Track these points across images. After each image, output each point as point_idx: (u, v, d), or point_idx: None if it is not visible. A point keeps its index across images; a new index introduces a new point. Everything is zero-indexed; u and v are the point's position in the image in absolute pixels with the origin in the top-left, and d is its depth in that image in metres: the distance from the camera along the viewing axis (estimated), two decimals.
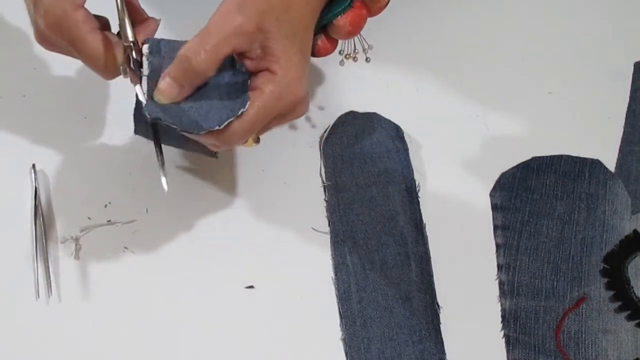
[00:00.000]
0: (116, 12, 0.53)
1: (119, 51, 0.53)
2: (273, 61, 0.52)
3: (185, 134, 0.53)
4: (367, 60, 0.64)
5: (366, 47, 0.64)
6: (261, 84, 0.52)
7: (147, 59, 0.54)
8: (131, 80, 0.53)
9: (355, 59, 0.64)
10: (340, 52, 0.64)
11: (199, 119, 0.52)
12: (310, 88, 0.68)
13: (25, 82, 0.66)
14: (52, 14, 0.51)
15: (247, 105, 0.52)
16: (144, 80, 0.53)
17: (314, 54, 0.60)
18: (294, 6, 0.53)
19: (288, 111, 0.55)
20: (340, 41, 0.62)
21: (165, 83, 0.52)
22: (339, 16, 0.58)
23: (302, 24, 0.54)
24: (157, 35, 0.56)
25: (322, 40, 0.60)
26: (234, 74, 0.54)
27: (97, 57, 0.53)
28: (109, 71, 0.54)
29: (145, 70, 0.53)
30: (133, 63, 0.53)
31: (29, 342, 0.58)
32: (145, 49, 0.54)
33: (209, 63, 0.51)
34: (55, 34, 0.52)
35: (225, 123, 0.51)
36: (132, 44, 0.53)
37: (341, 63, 0.64)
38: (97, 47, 0.52)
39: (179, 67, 0.51)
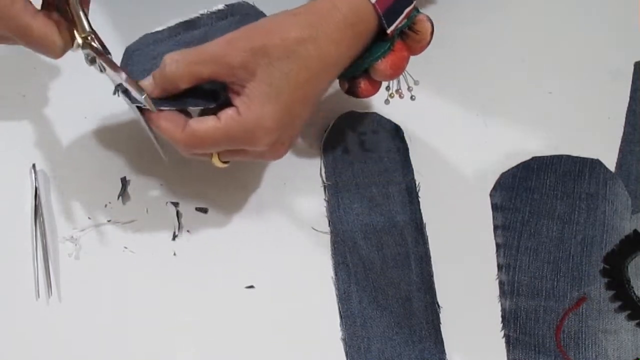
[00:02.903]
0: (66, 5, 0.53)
1: (62, 28, 0.53)
2: (245, 103, 0.52)
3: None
4: (412, 98, 0.61)
5: (412, 84, 0.61)
6: (222, 116, 0.53)
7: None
8: (100, 69, 0.54)
9: (401, 96, 0.62)
10: (387, 89, 0.61)
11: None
12: None
13: (25, 82, 0.66)
14: None
15: (213, 104, 0.53)
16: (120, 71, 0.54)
17: (357, 95, 0.60)
18: (299, 57, 0.52)
19: (251, 152, 0.55)
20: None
21: (147, 79, 0.54)
22: (379, 60, 0.57)
23: (304, 75, 0.53)
24: None
25: (364, 83, 0.59)
26: (206, 95, 0.55)
27: (45, 41, 0.53)
28: (59, 52, 0.54)
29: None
30: (96, 51, 0.54)
31: (29, 342, 0.58)
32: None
33: (182, 77, 0.53)
34: (1, 29, 0.52)
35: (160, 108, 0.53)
36: (90, 34, 0.53)
37: (386, 102, 0.62)
38: (43, 31, 0.53)
39: (159, 69, 0.53)
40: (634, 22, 0.74)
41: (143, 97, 0.52)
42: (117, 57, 0.56)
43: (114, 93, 0.55)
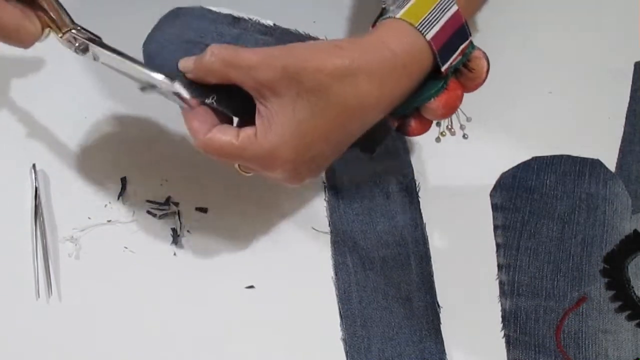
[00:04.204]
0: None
1: (31, 18, 0.53)
2: (264, 125, 0.50)
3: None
4: (465, 137, 0.59)
5: (464, 121, 0.58)
6: (242, 133, 0.50)
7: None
8: (94, 57, 0.53)
9: (453, 133, 0.60)
10: (437, 125, 0.59)
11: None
12: None
13: (25, 82, 0.66)
14: None
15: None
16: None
17: (406, 134, 0.57)
18: (332, 94, 0.49)
19: (263, 174, 0.53)
20: None
21: (190, 59, 0.51)
22: (432, 99, 0.53)
23: (334, 113, 0.49)
24: None
25: (415, 122, 0.56)
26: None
27: (15, 31, 0.52)
28: (27, 41, 0.53)
29: None
30: (80, 45, 0.53)
31: (29, 342, 0.58)
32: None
33: (213, 72, 0.50)
34: None
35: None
36: (74, 28, 0.53)
37: (437, 140, 0.60)
38: (13, 22, 0.52)
39: (201, 57, 0.51)
40: (634, 22, 0.74)
41: (160, 78, 0.51)
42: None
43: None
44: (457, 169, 0.67)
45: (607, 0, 0.75)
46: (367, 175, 0.66)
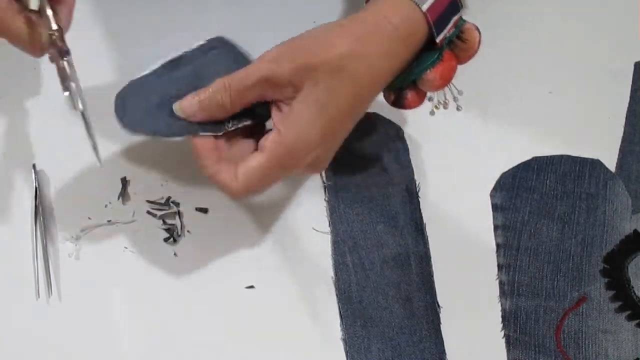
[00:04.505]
0: None
1: (42, 30, 0.53)
2: (288, 120, 0.51)
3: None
4: (459, 109, 0.61)
5: (456, 94, 0.60)
6: (265, 143, 0.52)
7: (184, 53, 0.56)
8: (57, 72, 0.54)
9: (445, 107, 0.61)
10: (430, 99, 0.60)
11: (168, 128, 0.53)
12: None
13: (25, 82, 0.66)
14: None
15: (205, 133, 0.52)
16: (74, 74, 0.54)
17: (403, 107, 0.59)
18: (347, 72, 0.51)
19: (294, 171, 0.54)
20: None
21: (189, 101, 0.53)
22: (428, 70, 0.56)
23: (351, 90, 0.52)
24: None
25: (411, 94, 0.58)
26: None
27: (23, 39, 0.53)
28: (36, 50, 0.54)
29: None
30: (59, 51, 0.54)
31: (29, 342, 0.58)
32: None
33: (232, 104, 0.52)
34: None
35: (181, 138, 0.52)
36: (55, 31, 0.53)
37: (431, 113, 0.61)
38: (22, 30, 0.53)
39: (209, 95, 0.52)
40: (634, 22, 0.74)
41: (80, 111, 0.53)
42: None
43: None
44: (457, 169, 0.67)
45: (607, 0, 0.75)
46: (367, 175, 0.66)
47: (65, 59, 0.54)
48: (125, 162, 0.64)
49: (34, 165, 0.62)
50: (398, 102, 0.59)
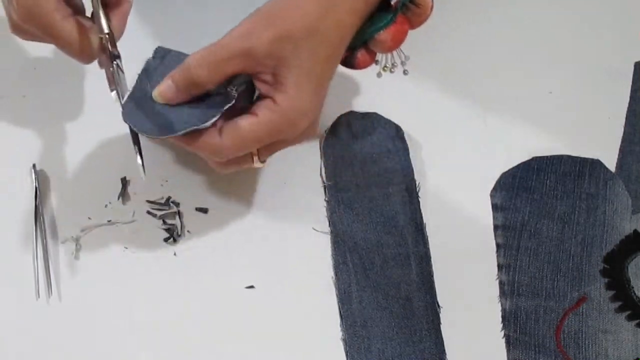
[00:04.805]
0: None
1: (93, 36, 0.54)
2: (280, 90, 0.52)
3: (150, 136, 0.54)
4: (405, 72, 0.62)
5: (403, 59, 0.62)
6: (261, 112, 0.52)
7: (147, 63, 0.55)
8: (106, 75, 0.55)
9: (392, 71, 0.62)
10: (376, 62, 0.62)
11: (167, 125, 0.53)
12: None
13: (25, 82, 0.66)
14: (23, 6, 0.52)
15: (208, 122, 0.52)
16: (122, 79, 0.54)
17: (353, 67, 0.60)
18: (321, 33, 0.52)
19: (291, 139, 0.55)
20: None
21: (165, 84, 0.53)
22: (381, 31, 0.57)
23: (326, 52, 0.53)
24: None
25: (362, 54, 0.59)
26: (223, 94, 0.54)
27: (72, 44, 0.53)
28: (85, 56, 0.54)
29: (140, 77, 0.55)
30: (109, 55, 0.54)
31: (29, 342, 0.58)
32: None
33: (209, 78, 0.52)
34: (29, 25, 0.52)
35: (181, 132, 0.52)
36: (107, 35, 0.53)
37: (379, 75, 0.62)
38: (71, 34, 0.53)
39: (182, 73, 0.52)
40: (634, 22, 0.74)
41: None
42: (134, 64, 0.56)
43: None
44: (457, 169, 0.67)
45: (607, 0, 0.75)
46: (367, 175, 0.66)
47: (115, 62, 0.54)
48: (125, 162, 0.64)
49: (34, 165, 0.62)
50: (349, 62, 0.59)
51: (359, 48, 0.59)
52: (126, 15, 0.55)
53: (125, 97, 0.55)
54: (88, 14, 0.56)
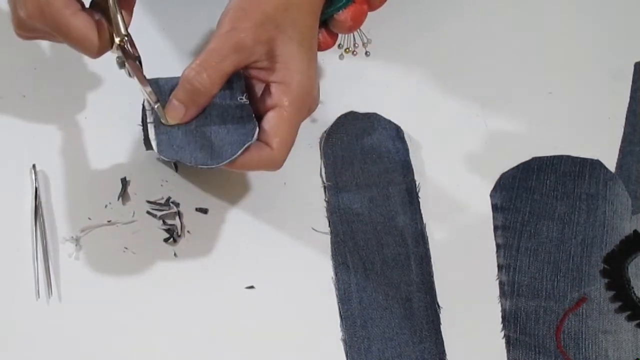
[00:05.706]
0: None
1: (102, 30, 0.53)
2: (283, 69, 0.53)
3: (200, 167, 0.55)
4: (367, 54, 0.64)
5: (365, 40, 0.63)
6: (279, 100, 0.53)
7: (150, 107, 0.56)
8: (129, 74, 0.54)
9: (354, 53, 0.64)
10: (339, 46, 0.63)
11: (211, 154, 0.54)
12: None
13: (25, 82, 0.66)
14: (32, 2, 0.51)
15: (255, 135, 0.54)
16: (151, 127, 0.55)
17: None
18: (294, 6, 0.54)
19: (307, 113, 0.56)
20: (339, 35, 0.62)
21: (172, 105, 0.54)
22: (340, 10, 0.58)
23: (306, 22, 0.55)
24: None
25: (322, 35, 0.60)
26: (237, 105, 0.55)
27: (83, 39, 0.53)
28: (95, 51, 0.54)
29: (149, 117, 0.55)
30: (128, 56, 0.54)
31: (29, 342, 0.58)
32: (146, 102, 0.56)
33: (211, 82, 0.53)
34: (38, 22, 0.52)
35: (236, 156, 0.53)
36: (125, 37, 0.53)
37: (341, 57, 0.64)
38: (82, 30, 0.52)
39: (183, 88, 0.53)
40: (634, 22, 0.74)
41: (156, 106, 0.54)
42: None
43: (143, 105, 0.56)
44: (456, 169, 0.67)
45: (608, 0, 0.75)
46: (367, 175, 0.66)
47: (137, 64, 0.54)
48: (125, 162, 0.64)
49: (34, 166, 0.62)
50: None
51: (319, 29, 0.59)
52: (132, 7, 0.55)
53: (152, 131, 0.55)
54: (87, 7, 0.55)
